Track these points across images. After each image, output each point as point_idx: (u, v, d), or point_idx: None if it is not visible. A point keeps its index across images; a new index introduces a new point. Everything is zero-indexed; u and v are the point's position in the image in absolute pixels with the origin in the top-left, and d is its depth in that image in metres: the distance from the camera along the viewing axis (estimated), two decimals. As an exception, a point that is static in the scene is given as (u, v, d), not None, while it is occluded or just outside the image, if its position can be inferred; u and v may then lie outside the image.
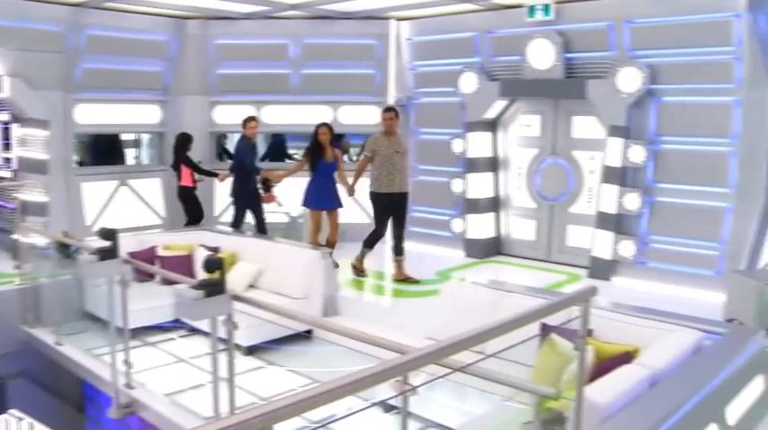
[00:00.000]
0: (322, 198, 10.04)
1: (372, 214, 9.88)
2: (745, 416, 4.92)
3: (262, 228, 11.00)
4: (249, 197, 10.93)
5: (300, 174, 10.28)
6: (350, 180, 10.01)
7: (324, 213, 10.13)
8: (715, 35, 8.75)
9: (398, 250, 9.73)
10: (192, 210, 11.40)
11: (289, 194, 12.29)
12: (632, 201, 9.45)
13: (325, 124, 10.17)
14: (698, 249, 9.13)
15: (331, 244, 9.95)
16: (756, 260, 8.57)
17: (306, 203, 10.18)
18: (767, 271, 7.88)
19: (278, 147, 14.12)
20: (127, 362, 6.12)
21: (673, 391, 4.26)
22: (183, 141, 11.28)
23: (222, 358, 4.87)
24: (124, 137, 13.44)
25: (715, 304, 7.81)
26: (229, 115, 12.54)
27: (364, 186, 9.83)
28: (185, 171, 11.21)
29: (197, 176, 11.39)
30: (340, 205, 10.17)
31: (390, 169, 9.36)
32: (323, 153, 9.95)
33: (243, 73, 12.40)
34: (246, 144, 10.86)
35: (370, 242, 9.65)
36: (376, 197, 9.54)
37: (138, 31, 11.57)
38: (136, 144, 13.83)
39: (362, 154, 10.37)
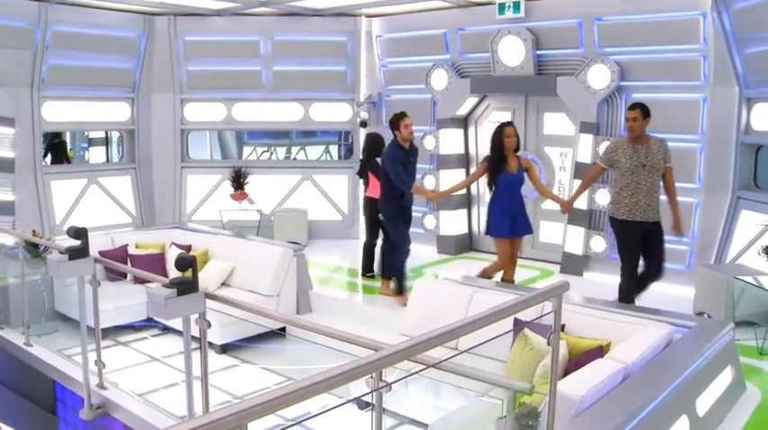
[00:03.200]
0: (510, 221, 7.79)
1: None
2: (714, 406, 5.00)
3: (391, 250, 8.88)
4: (399, 216, 8.64)
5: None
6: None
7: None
8: (682, 33, 8.87)
9: (642, 288, 7.32)
10: (374, 229, 9.64)
11: (260, 191, 12.30)
12: (603, 196, 9.53)
13: (511, 124, 7.99)
14: (668, 244, 9.19)
15: (508, 281, 7.97)
16: (724, 254, 8.69)
17: (490, 230, 8.00)
18: (735, 265, 7.98)
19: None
20: (99, 363, 6.05)
21: (645, 385, 4.31)
22: (375, 143, 9.69)
23: (195, 357, 4.84)
24: (93, 134, 13.32)
25: (685, 298, 7.92)
26: (200, 113, 12.48)
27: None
28: (373, 179, 9.41)
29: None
30: (530, 230, 8.12)
31: (635, 189, 7.01)
32: (506, 163, 7.76)
33: (213, 70, 12.32)
34: (397, 150, 8.34)
35: (626, 296, 7.24)
36: (615, 225, 7.31)
37: (106, 27, 11.44)
38: (105, 142, 13.71)
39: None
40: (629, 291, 7.15)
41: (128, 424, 5.83)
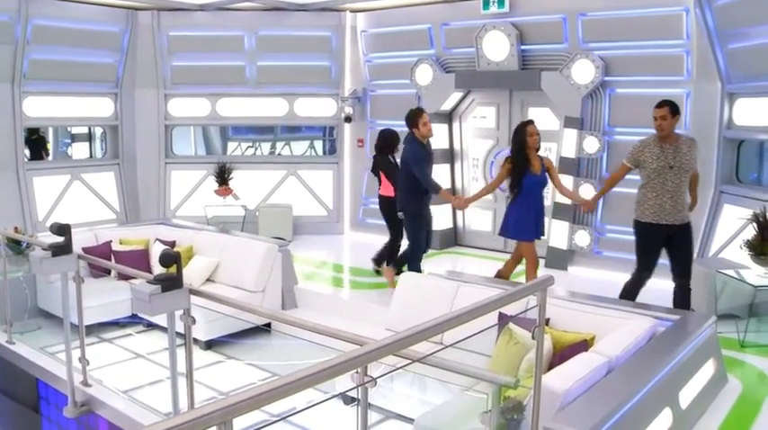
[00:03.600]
0: (535, 223, 7.63)
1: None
2: (697, 398, 5.04)
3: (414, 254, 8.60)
4: (421, 218, 8.48)
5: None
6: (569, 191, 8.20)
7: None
8: (665, 28, 8.91)
9: (682, 303, 6.88)
10: (396, 227, 9.10)
11: (245, 187, 12.27)
12: (587, 191, 9.56)
13: (532, 122, 7.68)
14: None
15: (503, 277, 7.99)
16: (707, 248, 8.75)
17: (512, 233, 7.81)
18: (718, 259, 8.03)
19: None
20: (82, 360, 6.02)
21: (628, 378, 4.34)
22: (390, 140, 9.23)
23: (180, 353, 4.82)
24: (76, 130, 13.24)
25: (669, 292, 7.95)
26: (184, 108, 12.42)
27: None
28: (385, 178, 9.16)
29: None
30: (542, 233, 7.93)
31: (660, 190, 6.69)
32: (529, 163, 7.51)
33: (197, 65, 12.25)
34: (418, 148, 8.20)
35: (629, 293, 7.04)
36: (637, 227, 6.98)
37: (89, 21, 11.32)
38: (89, 138, 13.62)
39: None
40: (633, 291, 6.97)
41: (112, 421, 5.81)
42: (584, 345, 4.91)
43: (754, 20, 7.79)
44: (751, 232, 7.42)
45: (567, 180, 9.68)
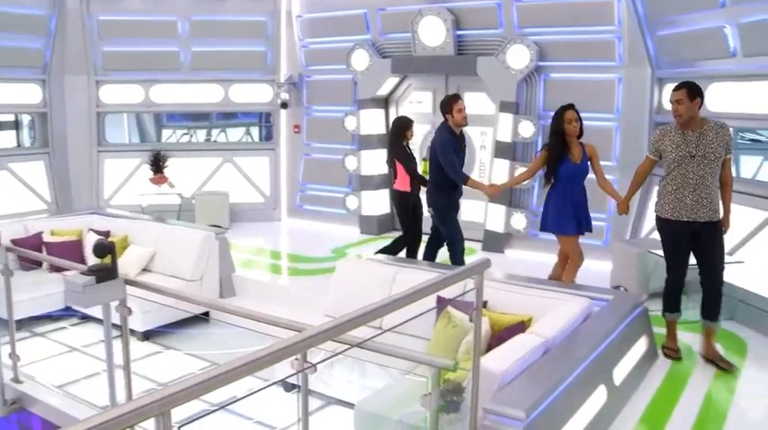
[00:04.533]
0: (575, 216, 6.98)
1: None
2: (630, 375, 5.19)
3: (431, 250, 8.19)
4: (453, 212, 7.89)
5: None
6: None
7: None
8: (597, 14, 9.06)
9: (709, 311, 5.92)
10: (408, 226, 8.52)
11: (180, 175, 12.09)
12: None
13: (572, 106, 6.92)
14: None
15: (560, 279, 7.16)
16: (639, 229, 8.97)
17: (550, 226, 7.12)
18: (649, 239, 8.23)
19: None
20: (13, 356, 5.86)
21: (565, 357, 4.42)
22: (398, 126, 8.49)
23: (117, 345, 4.74)
24: (1, 118, 12.80)
25: (603, 272, 8.15)
26: (116, 95, 12.13)
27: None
28: (401, 171, 8.33)
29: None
30: (589, 228, 7.17)
31: (681, 183, 5.81)
32: (568, 151, 6.92)
33: (129, 51, 11.95)
34: (449, 137, 7.58)
35: (669, 302, 6.17)
36: (657, 224, 6.17)
37: (11, 3, 10.84)
38: (15, 125, 13.19)
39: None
40: (672, 299, 6.12)
41: (46, 417, 5.68)
42: (521, 327, 4.99)
43: (682, 8, 7.99)
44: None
45: (502, 164, 9.81)
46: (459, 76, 10.56)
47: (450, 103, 7.55)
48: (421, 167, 8.87)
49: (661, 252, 6.25)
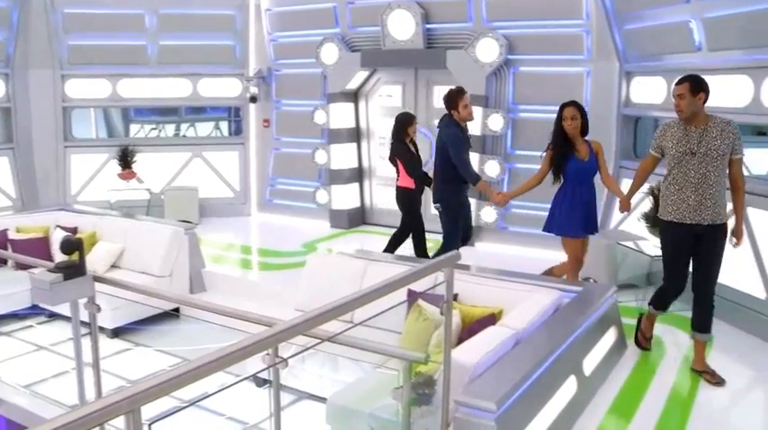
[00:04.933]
0: (583, 217, 6.63)
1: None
2: (600, 365, 5.25)
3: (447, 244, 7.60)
4: (460, 210, 7.70)
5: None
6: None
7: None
8: (566, 8, 9.14)
9: (699, 322, 5.64)
10: (408, 223, 8.42)
11: (149, 170, 11.97)
12: (492, 168, 9.75)
13: (574, 103, 6.59)
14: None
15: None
16: (608, 221, 9.05)
17: (554, 228, 6.71)
18: (618, 231, 8.32)
19: None
20: (-22, 354, 5.78)
21: (535, 349, 4.46)
22: (400, 123, 8.33)
23: (86, 342, 4.69)
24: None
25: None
26: (83, 89, 11.96)
27: None
28: (403, 168, 8.29)
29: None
30: (595, 229, 6.84)
31: (683, 182, 5.47)
32: (574, 148, 6.59)
33: (96, 44, 11.77)
34: (457, 132, 7.42)
35: (660, 301, 5.93)
36: (659, 226, 5.83)
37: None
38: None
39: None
40: (663, 300, 5.88)
41: (12, 418, 5.61)
42: (491, 319, 5.02)
43: (648, 2, 8.05)
44: (648, 205, 7.74)
45: (472, 157, 9.81)
46: (429, 70, 10.58)
47: (455, 99, 7.37)
48: None
49: (629, 243, 6.31)
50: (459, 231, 7.64)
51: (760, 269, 6.55)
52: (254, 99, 12.01)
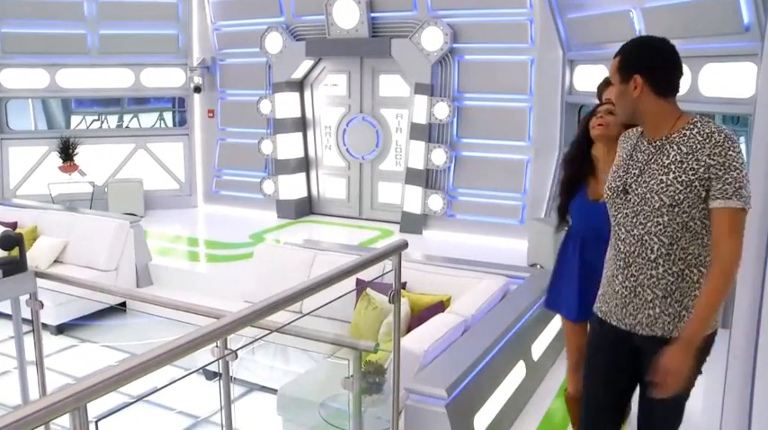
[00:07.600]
0: (580, 289, 3.87)
1: None
2: (547, 350, 5.32)
3: None
4: None
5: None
6: None
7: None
8: (509, -3, 9.22)
9: None
10: None
11: (91, 162, 11.74)
12: (439, 156, 9.79)
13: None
14: (502, 200, 9.65)
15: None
16: (552, 207, 9.17)
17: (554, 303, 4.17)
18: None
19: None
20: None
21: (484, 335, 4.50)
22: None
23: (28, 340, 4.59)
24: None
25: (520, 251, 8.31)
26: (19, 79, 11.63)
27: None
28: None
29: None
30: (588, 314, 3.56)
31: (613, 248, 2.97)
32: (586, 178, 3.86)
33: (32, 32, 11.43)
34: None
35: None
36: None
37: None
38: None
39: None
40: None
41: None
42: (440, 307, 5.05)
43: (590, -9, 8.18)
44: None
45: (418, 145, 9.88)
46: (374, 59, 10.56)
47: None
48: None
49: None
50: None
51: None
52: (198, 89, 11.84)
